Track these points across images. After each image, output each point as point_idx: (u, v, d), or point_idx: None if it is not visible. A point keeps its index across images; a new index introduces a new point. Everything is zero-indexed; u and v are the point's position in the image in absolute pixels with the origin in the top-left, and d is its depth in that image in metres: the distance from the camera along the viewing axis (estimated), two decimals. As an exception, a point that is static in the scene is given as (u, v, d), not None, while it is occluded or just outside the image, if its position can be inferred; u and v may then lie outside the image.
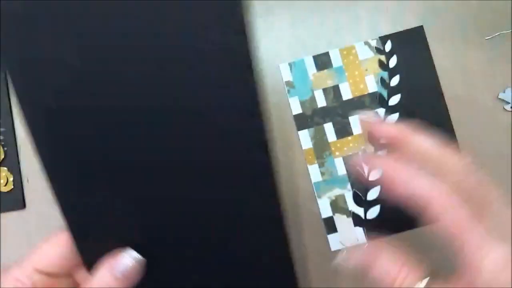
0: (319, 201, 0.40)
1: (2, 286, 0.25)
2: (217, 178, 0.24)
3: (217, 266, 0.25)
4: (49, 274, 0.27)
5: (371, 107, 0.41)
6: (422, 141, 0.26)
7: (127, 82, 0.22)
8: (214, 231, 0.25)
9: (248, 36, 0.21)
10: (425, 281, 0.24)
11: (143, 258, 0.25)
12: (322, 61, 0.42)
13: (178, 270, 0.26)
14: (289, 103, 0.41)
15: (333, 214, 0.40)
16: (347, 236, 0.40)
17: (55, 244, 0.27)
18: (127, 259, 0.25)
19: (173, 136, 0.23)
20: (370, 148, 0.40)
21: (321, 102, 0.41)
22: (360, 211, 0.40)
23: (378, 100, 0.41)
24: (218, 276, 0.26)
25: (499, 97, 0.41)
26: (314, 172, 0.41)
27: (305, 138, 0.41)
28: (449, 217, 0.23)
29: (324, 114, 0.41)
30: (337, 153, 0.41)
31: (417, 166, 0.25)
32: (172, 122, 0.23)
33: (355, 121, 0.41)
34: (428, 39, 0.41)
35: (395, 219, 0.40)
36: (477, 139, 0.41)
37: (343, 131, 0.41)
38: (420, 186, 0.24)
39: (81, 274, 0.27)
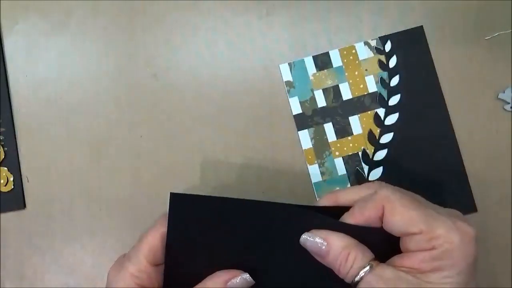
0: (319, 201, 0.40)
1: (120, 285, 0.27)
2: None
3: None
4: (159, 266, 0.28)
5: (371, 107, 0.41)
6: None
7: None
8: None
9: None
10: (367, 268, 0.26)
11: (253, 281, 0.28)
12: (322, 61, 0.42)
13: None
14: (289, 103, 0.41)
15: (333, 214, 0.40)
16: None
17: (158, 236, 0.28)
18: (241, 277, 0.28)
19: None
20: (370, 148, 0.41)
21: (321, 102, 0.41)
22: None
23: (378, 100, 0.41)
24: None
25: (499, 97, 0.41)
26: (314, 172, 0.41)
27: (305, 138, 0.41)
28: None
29: (324, 114, 0.41)
30: (337, 153, 0.41)
31: None
32: None
33: (355, 121, 0.41)
34: (428, 39, 0.41)
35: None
36: (477, 139, 0.41)
37: (343, 131, 0.41)
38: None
39: None
